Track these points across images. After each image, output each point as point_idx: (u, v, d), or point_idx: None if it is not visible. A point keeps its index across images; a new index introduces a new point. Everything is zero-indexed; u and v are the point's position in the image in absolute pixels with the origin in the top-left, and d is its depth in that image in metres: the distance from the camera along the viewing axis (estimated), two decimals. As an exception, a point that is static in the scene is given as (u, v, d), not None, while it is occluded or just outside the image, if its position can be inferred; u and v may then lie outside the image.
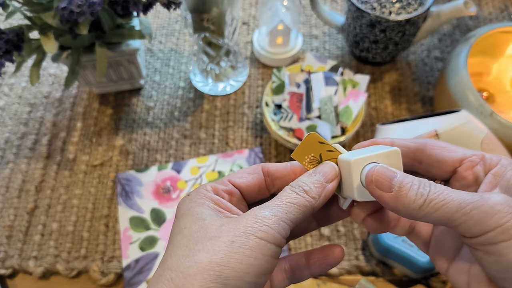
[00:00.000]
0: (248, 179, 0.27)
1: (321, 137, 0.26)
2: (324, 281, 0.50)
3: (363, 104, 0.55)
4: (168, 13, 0.75)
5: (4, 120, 0.64)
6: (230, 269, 0.21)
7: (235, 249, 0.21)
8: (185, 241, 0.23)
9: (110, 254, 0.53)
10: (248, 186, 0.27)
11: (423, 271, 0.47)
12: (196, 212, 0.24)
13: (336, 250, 0.27)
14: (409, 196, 0.22)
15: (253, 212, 0.23)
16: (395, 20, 0.56)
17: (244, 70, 0.66)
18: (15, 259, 0.53)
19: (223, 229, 0.22)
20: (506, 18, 0.73)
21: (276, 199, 0.24)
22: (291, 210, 0.23)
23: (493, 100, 0.61)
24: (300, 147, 0.26)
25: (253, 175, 0.27)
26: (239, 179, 0.27)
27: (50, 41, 0.49)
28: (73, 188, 0.58)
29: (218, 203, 0.25)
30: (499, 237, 0.20)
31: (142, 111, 0.64)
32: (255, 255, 0.21)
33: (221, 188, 0.26)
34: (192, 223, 0.24)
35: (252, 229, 0.22)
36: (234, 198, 0.27)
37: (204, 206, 0.25)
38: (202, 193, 0.26)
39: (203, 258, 0.21)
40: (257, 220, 0.22)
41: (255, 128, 0.62)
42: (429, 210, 0.22)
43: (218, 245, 0.22)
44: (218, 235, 0.22)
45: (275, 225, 0.22)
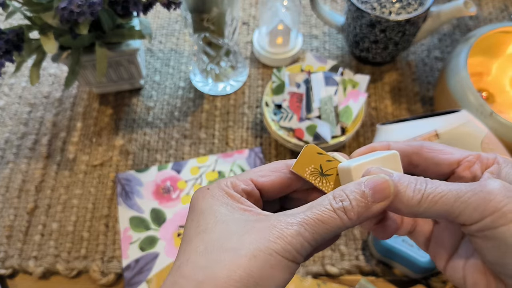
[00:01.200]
0: (272, 178, 0.26)
1: (318, 148, 0.26)
2: (324, 281, 0.50)
3: (363, 104, 0.55)
4: (168, 13, 0.75)
5: (4, 120, 0.64)
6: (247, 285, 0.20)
7: (255, 266, 0.20)
8: (203, 248, 0.22)
9: (110, 254, 0.53)
10: (270, 186, 0.26)
11: (423, 271, 0.47)
12: (220, 213, 0.23)
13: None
14: (407, 193, 0.22)
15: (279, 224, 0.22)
16: (395, 20, 0.56)
17: (244, 70, 0.66)
18: (15, 259, 0.53)
19: (245, 239, 0.21)
20: (506, 18, 0.73)
21: (308, 209, 0.22)
22: (319, 230, 0.21)
23: (493, 100, 0.61)
24: (299, 160, 0.26)
25: (277, 174, 0.26)
26: (262, 178, 0.26)
27: (50, 41, 0.49)
28: (73, 188, 0.58)
29: (242, 202, 0.24)
30: (498, 222, 0.20)
31: (142, 111, 0.64)
32: (274, 273, 0.21)
33: (242, 186, 0.25)
34: (214, 225, 0.22)
35: (275, 244, 0.21)
36: (251, 200, 0.25)
37: (228, 206, 0.23)
38: (225, 190, 0.24)
39: (221, 273, 0.20)
40: (280, 236, 0.21)
41: (255, 128, 0.62)
42: (428, 204, 0.22)
43: (238, 260, 0.21)
44: (239, 247, 0.21)
45: (298, 245, 0.21)
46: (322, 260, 0.52)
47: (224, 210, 0.23)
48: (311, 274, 0.51)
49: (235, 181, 0.25)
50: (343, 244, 0.53)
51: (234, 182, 0.25)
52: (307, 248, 0.21)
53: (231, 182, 0.25)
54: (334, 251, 0.52)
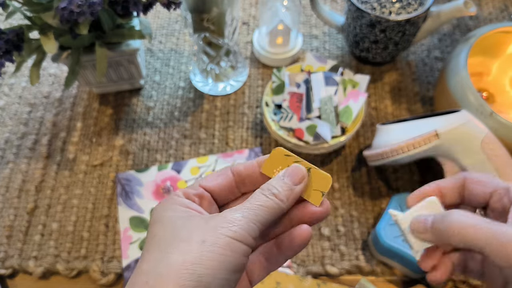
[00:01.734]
0: (218, 181, 0.28)
1: (286, 150, 0.28)
2: (324, 281, 0.50)
3: (363, 104, 0.55)
4: (168, 13, 0.75)
5: (4, 120, 0.64)
6: (202, 266, 0.22)
7: (206, 248, 0.22)
8: (157, 246, 0.24)
9: (110, 254, 0.53)
10: (218, 187, 0.28)
11: (423, 271, 0.47)
12: (167, 218, 0.25)
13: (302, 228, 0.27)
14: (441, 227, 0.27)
15: (223, 214, 0.24)
16: (395, 20, 0.56)
17: (244, 70, 0.66)
18: (15, 259, 0.53)
19: (194, 231, 0.23)
20: (506, 18, 0.73)
21: (246, 202, 0.25)
22: (260, 212, 0.25)
23: (493, 100, 0.61)
24: (267, 162, 0.28)
25: (222, 177, 0.29)
26: (209, 182, 0.28)
27: (50, 41, 0.49)
28: (73, 188, 0.58)
29: (189, 206, 0.26)
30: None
31: (142, 111, 0.64)
32: (226, 253, 0.22)
33: (192, 192, 0.27)
34: (163, 228, 0.25)
35: (223, 229, 0.23)
36: (205, 202, 0.28)
37: (175, 211, 0.25)
38: (173, 199, 0.27)
39: (177, 258, 0.22)
40: (227, 221, 0.24)
41: (255, 128, 0.62)
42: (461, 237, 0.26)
43: (190, 245, 0.23)
44: (189, 237, 0.23)
45: (245, 226, 0.24)
46: (322, 260, 0.52)
47: (172, 214, 0.25)
48: (311, 274, 0.51)
49: (185, 190, 0.28)
50: (343, 244, 0.53)
51: (185, 190, 0.28)
52: (254, 229, 0.24)
53: (182, 192, 0.28)
54: (334, 251, 0.52)
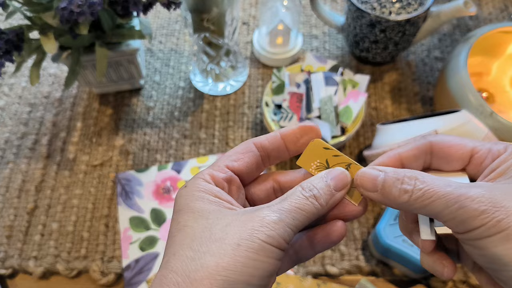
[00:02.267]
0: (245, 160, 0.26)
1: (325, 143, 0.26)
2: (324, 281, 0.50)
3: (363, 104, 0.55)
4: (168, 13, 0.75)
5: (4, 120, 0.64)
6: (236, 273, 0.21)
7: (241, 253, 0.21)
8: (189, 241, 0.22)
9: (110, 254, 0.53)
10: (246, 168, 0.26)
11: (423, 271, 0.47)
12: (197, 209, 0.23)
13: (338, 225, 0.26)
14: (393, 193, 0.23)
15: (260, 214, 0.23)
16: (395, 20, 0.56)
17: (244, 70, 0.66)
18: (15, 259, 0.53)
19: (229, 230, 0.22)
20: (506, 18, 0.73)
21: (285, 201, 0.23)
22: (298, 216, 0.23)
23: (493, 100, 0.61)
24: (304, 154, 0.26)
25: (248, 154, 0.26)
26: (235, 162, 0.26)
27: (50, 41, 0.49)
28: (73, 188, 0.58)
29: (219, 196, 0.24)
30: (483, 234, 0.21)
31: (142, 111, 0.64)
32: (261, 259, 0.21)
33: (220, 176, 0.25)
34: (194, 221, 0.23)
35: (259, 233, 0.22)
36: (233, 187, 0.26)
37: (204, 201, 0.24)
38: (201, 185, 0.25)
39: (210, 262, 0.21)
40: (263, 224, 0.22)
41: (255, 128, 0.62)
42: (417, 206, 0.23)
43: (224, 248, 0.21)
44: (223, 237, 0.22)
45: (281, 230, 0.22)
46: (322, 260, 0.52)
47: (203, 205, 0.24)
48: (311, 274, 0.51)
49: (213, 173, 0.25)
50: (343, 244, 0.53)
51: (212, 173, 0.25)
52: (289, 234, 0.23)
53: (209, 175, 0.25)
54: (334, 251, 0.52)
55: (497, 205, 0.21)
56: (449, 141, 0.25)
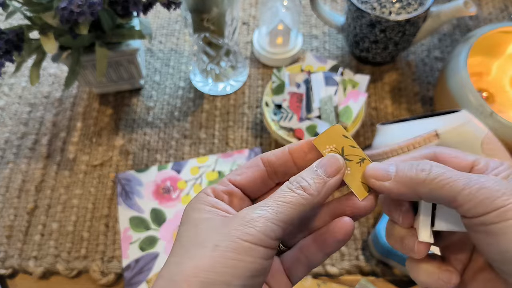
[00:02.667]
0: (248, 174, 0.26)
1: (345, 131, 0.26)
2: (324, 281, 0.50)
3: (363, 104, 0.55)
4: (168, 13, 0.75)
5: (4, 120, 0.64)
6: (215, 273, 0.21)
7: (218, 253, 0.21)
8: (177, 249, 0.23)
9: (110, 254, 0.53)
10: (248, 181, 0.26)
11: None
12: (193, 219, 0.24)
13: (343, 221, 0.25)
14: (409, 174, 0.23)
15: (242, 214, 0.23)
16: (395, 20, 0.56)
17: (244, 70, 0.66)
18: (15, 259, 0.53)
19: (210, 234, 0.22)
20: (506, 18, 0.73)
21: (269, 198, 0.23)
22: (282, 210, 0.22)
23: (493, 100, 0.61)
24: (322, 135, 0.26)
25: (252, 169, 0.26)
26: (238, 176, 0.26)
27: (50, 41, 0.49)
28: (73, 188, 0.58)
29: (216, 205, 0.25)
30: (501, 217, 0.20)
31: (142, 111, 0.64)
32: (240, 258, 0.21)
33: (220, 189, 0.26)
34: (187, 230, 0.24)
35: (237, 231, 0.22)
36: (235, 199, 0.26)
37: (200, 211, 0.24)
38: (201, 198, 0.25)
39: (189, 265, 0.21)
40: (243, 223, 0.22)
41: (255, 128, 0.62)
42: (434, 186, 0.22)
43: (203, 251, 0.21)
44: (204, 240, 0.22)
45: (262, 226, 0.22)
46: (322, 260, 0.52)
47: (198, 215, 0.24)
48: (311, 274, 0.51)
49: (215, 186, 0.26)
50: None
51: (214, 187, 0.26)
52: (274, 229, 0.22)
53: (211, 189, 0.26)
54: (334, 251, 0.52)
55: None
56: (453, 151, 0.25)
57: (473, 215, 0.21)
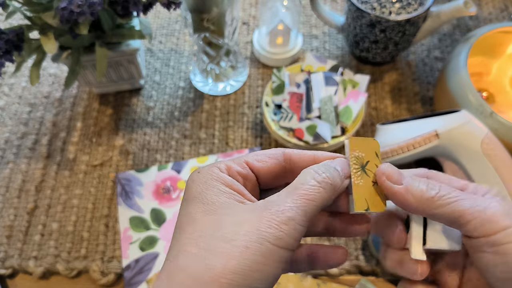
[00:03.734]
0: (268, 165, 0.25)
1: (379, 150, 0.26)
2: (324, 281, 0.50)
3: (363, 104, 0.55)
4: (168, 13, 0.75)
5: (4, 120, 0.64)
6: (242, 277, 0.20)
7: (248, 256, 0.20)
8: (197, 237, 0.21)
9: (110, 254, 0.53)
10: (266, 172, 0.25)
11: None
12: (208, 199, 0.22)
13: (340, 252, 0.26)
14: (420, 188, 0.23)
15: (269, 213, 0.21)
16: (395, 20, 0.56)
17: (244, 70, 0.66)
18: (15, 259, 0.53)
19: (238, 231, 0.21)
20: (506, 18, 0.73)
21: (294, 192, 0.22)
22: (309, 209, 0.22)
23: (493, 100, 0.61)
24: (360, 139, 0.26)
25: (273, 160, 0.25)
26: (258, 163, 0.25)
27: (50, 41, 0.49)
28: (73, 188, 0.58)
29: (232, 186, 0.23)
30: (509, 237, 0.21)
31: (142, 111, 0.64)
32: (268, 263, 0.21)
33: (236, 169, 0.24)
34: (204, 213, 0.22)
35: (268, 234, 0.21)
36: (248, 183, 0.25)
37: (216, 191, 0.23)
38: (215, 174, 0.23)
39: (217, 263, 0.20)
40: (273, 225, 0.21)
41: (255, 128, 0.62)
42: (441, 202, 0.22)
43: (232, 250, 0.21)
44: (232, 238, 0.21)
45: (291, 230, 0.21)
46: (322, 260, 0.52)
47: (214, 195, 0.23)
48: (311, 274, 0.51)
49: (230, 164, 0.24)
50: (343, 244, 0.53)
51: (229, 164, 0.24)
52: (300, 231, 0.22)
53: (225, 165, 0.24)
54: (334, 251, 0.52)
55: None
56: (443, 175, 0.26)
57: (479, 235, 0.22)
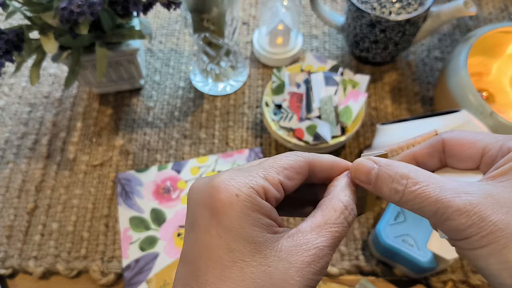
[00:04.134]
0: (297, 182, 0.23)
1: None
2: (324, 281, 0.50)
3: (363, 104, 0.55)
4: (168, 13, 0.75)
5: (4, 120, 0.64)
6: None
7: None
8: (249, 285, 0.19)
9: (110, 254, 0.53)
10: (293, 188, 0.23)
11: (423, 271, 0.47)
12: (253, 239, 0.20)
13: None
14: (384, 191, 0.23)
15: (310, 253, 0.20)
16: (395, 20, 0.56)
17: (244, 70, 0.66)
18: (15, 259, 0.53)
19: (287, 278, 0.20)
20: (506, 18, 0.73)
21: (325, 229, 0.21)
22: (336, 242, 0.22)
23: (493, 100, 0.61)
24: None
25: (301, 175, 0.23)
26: (289, 182, 0.23)
27: (50, 41, 0.49)
28: (73, 188, 0.58)
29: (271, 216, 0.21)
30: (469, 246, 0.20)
31: (142, 111, 0.64)
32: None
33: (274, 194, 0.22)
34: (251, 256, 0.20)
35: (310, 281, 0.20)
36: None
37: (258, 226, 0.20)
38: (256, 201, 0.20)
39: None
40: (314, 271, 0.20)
41: (255, 128, 0.62)
42: (408, 207, 0.22)
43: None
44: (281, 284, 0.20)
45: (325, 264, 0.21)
46: (322, 260, 0.52)
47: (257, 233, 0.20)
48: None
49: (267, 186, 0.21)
50: (343, 244, 0.53)
51: (266, 187, 0.21)
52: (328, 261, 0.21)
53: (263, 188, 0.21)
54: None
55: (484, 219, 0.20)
56: (461, 139, 0.24)
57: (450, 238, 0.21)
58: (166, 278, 0.50)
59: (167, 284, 0.50)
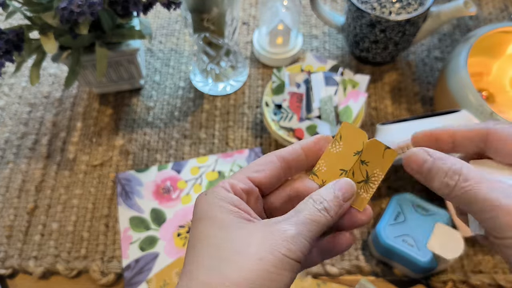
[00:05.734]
0: (267, 172, 0.26)
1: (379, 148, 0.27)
2: (324, 281, 0.50)
3: (363, 104, 0.55)
4: (168, 13, 0.75)
5: (4, 120, 0.64)
6: (255, 286, 0.21)
7: (262, 267, 0.22)
8: (211, 251, 0.23)
9: (110, 254, 0.53)
10: (267, 179, 0.26)
11: (423, 271, 0.47)
12: (217, 218, 0.24)
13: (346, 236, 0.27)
14: (435, 184, 0.24)
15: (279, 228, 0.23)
16: (395, 20, 0.56)
17: (244, 70, 0.66)
18: (15, 259, 0.53)
19: (250, 243, 0.23)
20: (506, 18, 0.73)
21: (300, 214, 0.24)
22: (312, 228, 0.24)
23: (493, 100, 0.61)
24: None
25: (270, 165, 0.27)
26: (257, 174, 0.26)
27: (50, 41, 0.49)
28: (73, 188, 0.58)
29: (238, 206, 0.25)
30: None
31: (142, 111, 0.64)
32: (279, 272, 0.22)
33: (240, 186, 0.26)
34: (215, 230, 0.24)
35: (280, 247, 0.22)
36: (252, 198, 0.26)
37: (223, 210, 0.24)
38: (220, 194, 0.25)
39: (233, 274, 0.22)
40: (284, 238, 0.23)
41: (255, 128, 0.62)
42: (455, 201, 0.23)
43: (245, 261, 0.22)
44: (245, 250, 0.22)
45: (299, 244, 0.23)
46: (322, 260, 0.52)
47: (222, 215, 0.24)
48: (311, 274, 0.51)
49: (233, 182, 0.26)
50: (343, 244, 0.53)
51: (232, 183, 0.26)
52: (306, 246, 0.23)
53: (229, 184, 0.26)
54: (334, 251, 0.52)
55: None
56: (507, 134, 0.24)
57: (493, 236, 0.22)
58: (166, 278, 0.50)
59: (167, 284, 0.50)
